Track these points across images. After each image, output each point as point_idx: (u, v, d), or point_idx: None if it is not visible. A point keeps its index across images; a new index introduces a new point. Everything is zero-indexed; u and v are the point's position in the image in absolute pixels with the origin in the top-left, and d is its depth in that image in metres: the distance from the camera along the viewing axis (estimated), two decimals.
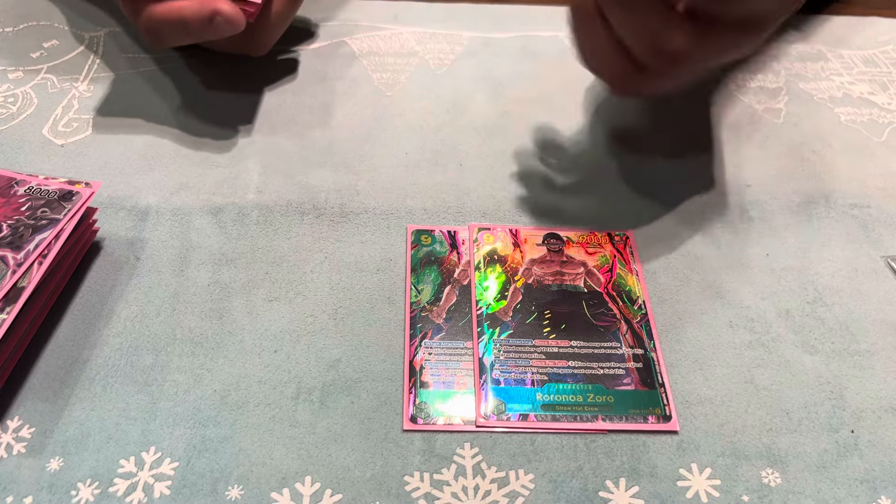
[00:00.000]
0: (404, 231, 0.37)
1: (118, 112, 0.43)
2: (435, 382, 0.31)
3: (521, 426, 0.29)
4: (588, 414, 0.30)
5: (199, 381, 0.31)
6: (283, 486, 0.28)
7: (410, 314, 0.33)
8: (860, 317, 0.34)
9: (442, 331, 0.33)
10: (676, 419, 0.30)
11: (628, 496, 0.28)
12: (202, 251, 0.36)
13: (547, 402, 0.30)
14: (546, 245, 0.36)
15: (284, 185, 0.39)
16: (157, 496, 0.27)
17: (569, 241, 0.37)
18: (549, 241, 0.37)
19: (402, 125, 0.44)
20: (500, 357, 0.32)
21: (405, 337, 0.33)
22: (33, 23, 0.50)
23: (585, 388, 0.31)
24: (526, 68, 0.48)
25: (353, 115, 0.44)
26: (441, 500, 0.27)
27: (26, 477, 0.28)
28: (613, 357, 0.32)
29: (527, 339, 0.32)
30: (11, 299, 0.29)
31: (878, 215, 0.39)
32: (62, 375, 0.31)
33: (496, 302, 0.34)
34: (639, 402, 0.30)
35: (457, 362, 0.32)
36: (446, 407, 0.30)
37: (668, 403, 0.30)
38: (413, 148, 0.42)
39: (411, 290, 0.34)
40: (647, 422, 0.30)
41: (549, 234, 0.37)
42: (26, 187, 0.34)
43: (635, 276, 0.35)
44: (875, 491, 0.28)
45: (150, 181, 0.39)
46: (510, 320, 0.33)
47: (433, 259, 0.36)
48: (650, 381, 0.31)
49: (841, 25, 0.54)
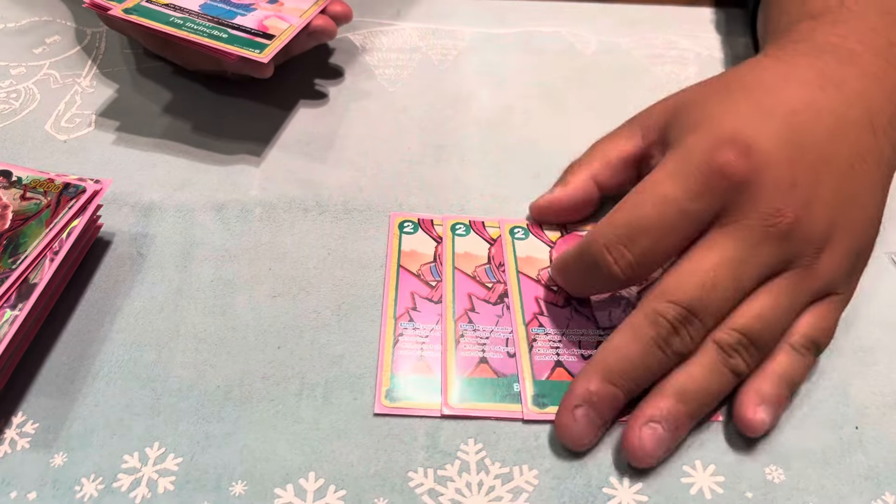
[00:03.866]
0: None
1: (121, 108, 0.43)
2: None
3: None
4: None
5: (203, 377, 0.31)
6: (286, 482, 0.28)
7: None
8: (864, 313, 0.34)
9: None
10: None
11: (632, 492, 0.28)
12: (205, 247, 0.36)
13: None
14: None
15: (287, 181, 0.39)
16: (160, 492, 0.27)
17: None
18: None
19: (404, 121, 0.43)
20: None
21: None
22: (36, 18, 0.50)
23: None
24: (528, 63, 0.48)
25: (356, 110, 0.44)
26: (445, 496, 0.27)
27: (30, 472, 0.28)
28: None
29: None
30: (24, 296, 0.29)
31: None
32: (66, 371, 0.31)
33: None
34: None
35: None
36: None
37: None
38: (416, 143, 0.42)
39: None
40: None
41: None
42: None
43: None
44: (879, 487, 0.28)
45: (154, 177, 0.39)
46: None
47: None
48: None
49: None
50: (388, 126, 0.43)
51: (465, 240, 0.36)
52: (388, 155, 0.41)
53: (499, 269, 0.35)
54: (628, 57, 0.50)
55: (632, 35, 0.51)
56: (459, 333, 0.32)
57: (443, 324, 0.33)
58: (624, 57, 0.50)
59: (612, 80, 0.47)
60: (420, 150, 0.42)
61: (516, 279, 0.35)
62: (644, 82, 0.47)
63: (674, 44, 0.51)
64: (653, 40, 0.51)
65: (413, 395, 0.30)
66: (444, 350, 0.32)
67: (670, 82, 0.47)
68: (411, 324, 0.33)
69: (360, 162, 0.41)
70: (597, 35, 0.51)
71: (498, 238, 0.36)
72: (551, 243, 0.36)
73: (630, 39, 0.51)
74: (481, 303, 0.34)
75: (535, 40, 0.50)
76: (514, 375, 0.31)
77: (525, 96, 0.46)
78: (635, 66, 0.49)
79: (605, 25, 0.52)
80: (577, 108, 0.45)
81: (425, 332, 0.32)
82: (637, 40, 0.51)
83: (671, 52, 0.50)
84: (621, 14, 0.53)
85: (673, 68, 0.49)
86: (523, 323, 0.33)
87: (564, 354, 0.32)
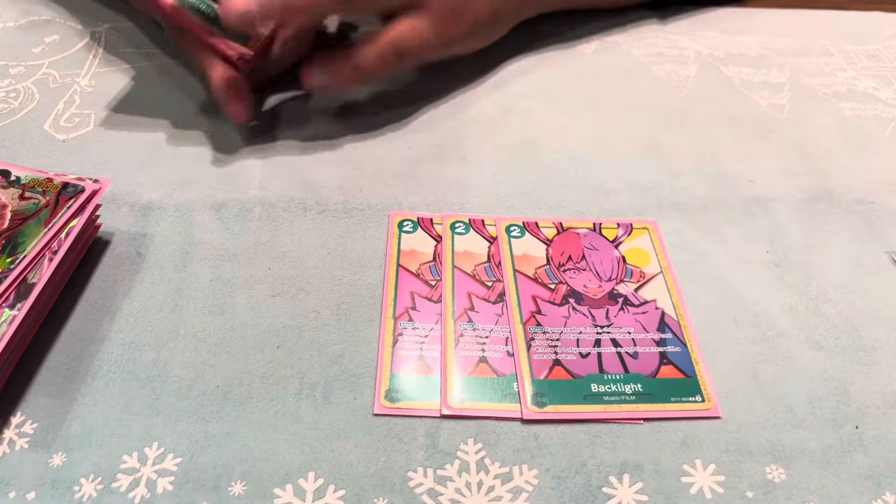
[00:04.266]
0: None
1: (120, 107, 0.43)
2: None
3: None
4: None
5: (202, 377, 0.31)
6: (286, 482, 0.28)
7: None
8: (865, 312, 0.34)
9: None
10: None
11: (632, 492, 0.28)
12: (205, 247, 0.36)
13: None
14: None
15: (287, 180, 0.39)
16: (159, 492, 0.27)
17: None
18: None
19: (404, 120, 0.43)
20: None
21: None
22: (35, 18, 0.50)
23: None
24: (528, 63, 0.48)
25: (356, 109, 0.44)
26: (444, 496, 0.27)
27: (29, 472, 0.28)
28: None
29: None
30: (22, 295, 0.29)
31: (882, 211, 0.39)
32: (65, 371, 0.31)
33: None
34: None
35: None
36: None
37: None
38: (416, 143, 0.42)
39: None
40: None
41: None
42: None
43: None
44: (880, 487, 0.28)
45: (153, 177, 0.39)
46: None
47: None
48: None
49: (845, 20, 0.54)
50: (388, 125, 0.43)
51: (464, 238, 0.36)
52: (388, 154, 0.41)
53: (498, 267, 0.35)
54: (628, 56, 0.49)
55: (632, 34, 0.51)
56: (459, 333, 0.32)
57: (442, 323, 0.33)
58: (624, 56, 0.49)
59: (612, 80, 0.47)
60: (420, 150, 0.42)
61: (513, 278, 0.34)
62: (644, 81, 0.47)
63: (674, 42, 0.51)
64: (653, 39, 0.51)
65: (412, 395, 0.30)
66: (443, 349, 0.32)
67: (670, 81, 0.47)
68: (411, 323, 0.33)
69: (360, 161, 0.41)
70: (597, 34, 0.51)
71: (498, 236, 0.36)
72: (547, 241, 0.36)
73: (630, 38, 0.51)
74: (481, 302, 0.34)
75: (536, 39, 0.50)
76: (513, 375, 0.31)
77: (525, 95, 0.46)
78: (635, 65, 0.49)
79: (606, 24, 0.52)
80: (576, 107, 0.45)
81: (425, 331, 0.32)
82: (637, 39, 0.51)
83: (671, 52, 0.50)
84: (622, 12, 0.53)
85: (673, 67, 0.48)
86: (521, 322, 0.33)
87: (563, 353, 0.31)
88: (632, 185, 0.40)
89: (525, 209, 0.38)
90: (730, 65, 0.49)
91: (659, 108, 0.45)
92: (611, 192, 0.39)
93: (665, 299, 0.34)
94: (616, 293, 0.34)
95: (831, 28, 0.53)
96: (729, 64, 0.49)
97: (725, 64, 0.49)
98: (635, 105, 0.46)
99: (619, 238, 0.37)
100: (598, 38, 0.51)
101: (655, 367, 0.31)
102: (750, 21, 0.54)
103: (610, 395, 0.30)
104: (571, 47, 0.50)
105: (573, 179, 0.40)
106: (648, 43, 0.51)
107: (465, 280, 0.34)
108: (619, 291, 0.34)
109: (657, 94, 0.46)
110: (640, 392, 0.30)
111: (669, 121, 0.44)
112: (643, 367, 0.31)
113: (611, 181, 0.40)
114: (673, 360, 0.31)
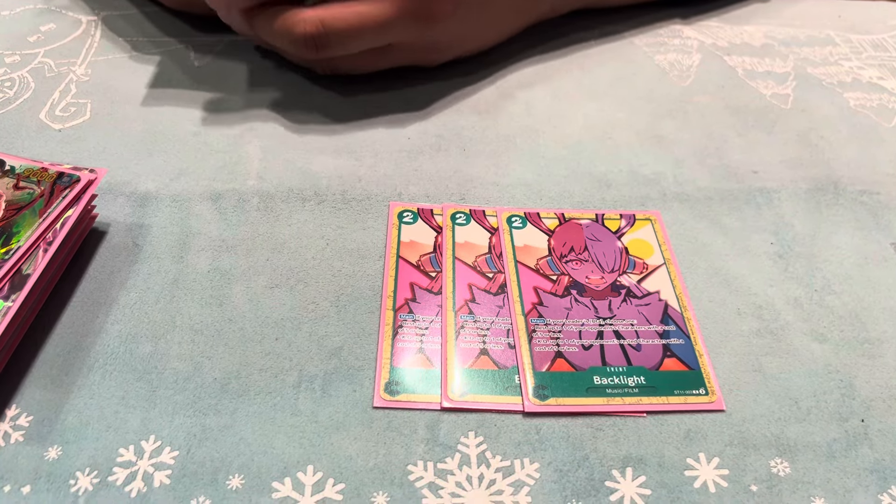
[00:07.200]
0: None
1: (116, 96, 0.43)
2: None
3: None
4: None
5: (199, 369, 0.30)
6: (284, 476, 0.27)
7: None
8: (870, 304, 0.34)
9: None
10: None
11: (635, 486, 0.27)
12: (202, 238, 0.35)
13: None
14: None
15: (285, 170, 0.39)
16: (156, 485, 0.27)
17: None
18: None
19: (404, 110, 0.43)
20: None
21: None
22: (30, 6, 0.49)
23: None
24: (529, 52, 0.47)
25: (355, 99, 0.44)
26: (445, 490, 0.27)
27: (24, 466, 0.27)
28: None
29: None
30: (17, 286, 0.29)
31: (887, 202, 0.38)
32: (60, 363, 0.30)
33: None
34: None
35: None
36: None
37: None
38: (415, 133, 0.42)
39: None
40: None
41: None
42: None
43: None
44: (885, 481, 0.28)
45: (150, 167, 0.39)
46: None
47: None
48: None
49: (850, 10, 0.54)
50: (388, 115, 0.43)
51: (465, 229, 0.36)
52: (388, 144, 0.41)
53: (500, 258, 0.35)
54: (631, 46, 0.49)
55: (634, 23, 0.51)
56: (460, 325, 0.32)
57: (443, 315, 0.32)
58: (626, 46, 0.49)
59: (615, 69, 0.47)
60: (419, 140, 0.41)
61: (514, 269, 0.34)
62: (647, 71, 0.47)
63: (677, 32, 0.50)
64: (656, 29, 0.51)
65: (413, 388, 0.30)
66: (444, 341, 0.31)
67: (673, 71, 0.47)
68: (411, 315, 0.32)
69: (359, 152, 0.40)
70: (599, 23, 0.50)
71: (499, 227, 0.36)
72: (549, 231, 0.36)
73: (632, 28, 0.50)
74: (482, 293, 0.33)
75: (536, 28, 0.49)
76: (515, 367, 0.30)
77: (526, 85, 0.45)
78: (638, 54, 0.48)
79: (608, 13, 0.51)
80: (578, 97, 0.45)
81: (425, 323, 0.32)
82: (640, 29, 0.50)
83: (674, 41, 0.50)
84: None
85: (676, 57, 0.48)
86: (522, 313, 0.32)
87: (565, 345, 0.31)
88: (634, 175, 0.39)
89: (526, 200, 0.38)
90: (733, 54, 0.49)
91: (662, 99, 0.45)
92: (613, 183, 0.39)
93: (668, 291, 0.33)
94: (619, 284, 0.34)
95: (836, 17, 0.53)
96: (732, 53, 0.49)
97: (729, 53, 0.49)
98: (638, 95, 0.45)
99: (622, 229, 0.36)
100: (599, 28, 0.50)
101: (659, 359, 0.31)
102: (754, 10, 0.53)
103: (613, 388, 0.30)
104: (573, 36, 0.49)
105: (575, 170, 0.40)
106: (651, 32, 0.50)
107: (465, 271, 0.34)
108: (621, 283, 0.34)
109: (660, 84, 0.46)
110: (643, 385, 0.30)
111: (672, 111, 0.44)
112: (646, 359, 0.31)
113: (613, 172, 0.40)
114: (676, 352, 0.31)
